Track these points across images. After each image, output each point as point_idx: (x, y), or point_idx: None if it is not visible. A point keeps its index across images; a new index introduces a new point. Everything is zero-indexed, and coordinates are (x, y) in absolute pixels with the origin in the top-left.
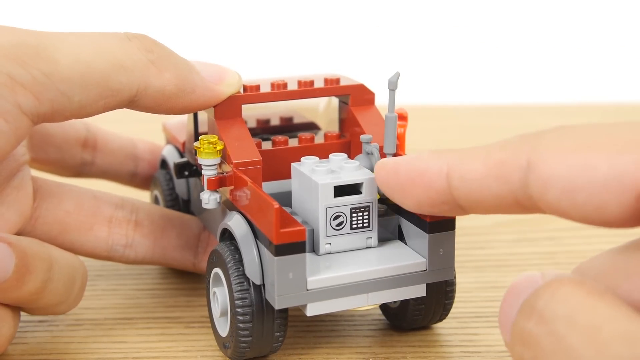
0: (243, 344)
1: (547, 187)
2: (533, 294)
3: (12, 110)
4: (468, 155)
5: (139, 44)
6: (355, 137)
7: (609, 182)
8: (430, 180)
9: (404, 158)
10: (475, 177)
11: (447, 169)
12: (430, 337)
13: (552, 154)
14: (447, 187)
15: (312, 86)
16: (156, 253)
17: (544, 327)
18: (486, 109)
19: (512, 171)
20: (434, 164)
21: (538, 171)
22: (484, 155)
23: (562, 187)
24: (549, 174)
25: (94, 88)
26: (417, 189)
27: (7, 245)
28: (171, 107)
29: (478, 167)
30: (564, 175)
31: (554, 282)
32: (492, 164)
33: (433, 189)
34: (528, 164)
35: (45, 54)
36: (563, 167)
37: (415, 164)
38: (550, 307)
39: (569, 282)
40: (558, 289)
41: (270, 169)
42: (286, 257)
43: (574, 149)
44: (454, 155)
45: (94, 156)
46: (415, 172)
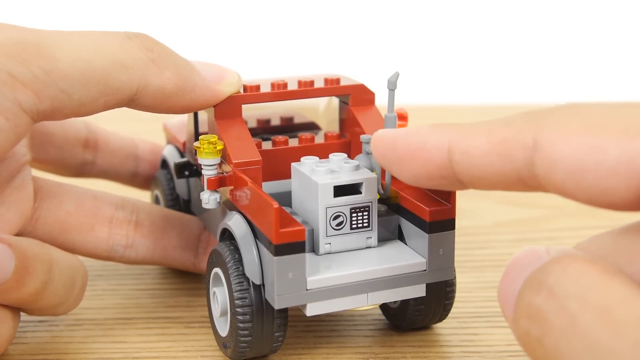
0: (243, 344)
1: (554, 167)
2: (541, 269)
3: (12, 107)
4: (471, 131)
5: (139, 43)
6: (356, 137)
7: (617, 166)
8: (431, 154)
9: (403, 130)
10: (478, 154)
11: (448, 143)
12: (430, 337)
13: (559, 134)
14: (447, 162)
15: (312, 86)
16: (156, 253)
17: (554, 303)
18: (486, 109)
19: (517, 149)
20: (435, 138)
21: (544, 151)
22: (488, 132)
23: (569, 168)
24: (556, 155)
25: (94, 86)
26: (416, 163)
27: (7, 246)
28: (171, 106)
29: (481, 143)
30: (572, 157)
31: (564, 257)
32: (496, 140)
33: (433, 163)
34: (534, 143)
35: (46, 51)
36: (571, 149)
37: (415, 138)
38: (561, 283)
39: (581, 260)
40: (569, 265)
41: (270, 169)
42: (286, 257)
43: (583, 129)
44: (456, 130)
45: (95, 156)
46: (414, 146)
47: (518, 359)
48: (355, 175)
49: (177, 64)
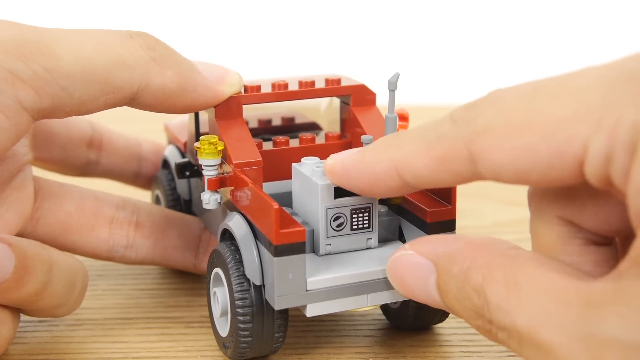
0: (243, 344)
1: (498, 174)
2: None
3: (13, 105)
4: (409, 151)
5: (141, 42)
6: (356, 137)
7: (552, 161)
8: (385, 182)
9: (350, 160)
10: (426, 173)
11: (395, 168)
12: (430, 337)
13: (490, 142)
14: (402, 183)
15: (313, 86)
16: (157, 254)
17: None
18: None
19: (458, 164)
20: (382, 166)
21: (484, 162)
22: (425, 149)
23: (512, 171)
24: (496, 164)
25: (95, 84)
26: (376, 190)
27: (7, 246)
28: (172, 105)
29: (425, 163)
30: (510, 162)
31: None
32: (436, 157)
33: (391, 187)
34: (470, 155)
35: (47, 49)
36: (506, 155)
37: (364, 169)
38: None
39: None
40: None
41: (271, 169)
42: (286, 257)
43: (509, 132)
44: (397, 153)
45: (99, 155)
46: (367, 178)
47: (518, 359)
48: None
49: (179, 63)
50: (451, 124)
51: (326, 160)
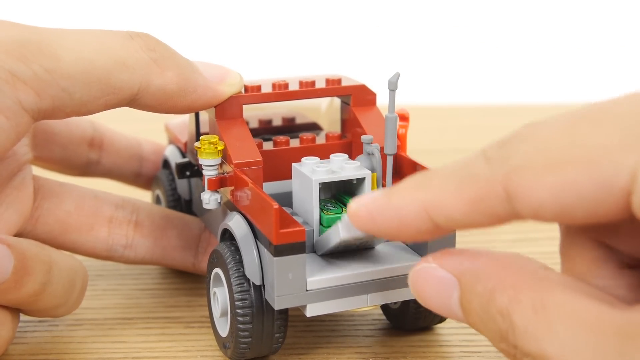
0: (243, 345)
1: (539, 212)
2: (488, 319)
3: (13, 106)
4: (441, 191)
5: (141, 43)
6: (357, 137)
7: (598, 195)
8: (415, 226)
9: (376, 204)
10: (460, 217)
11: (425, 211)
12: (430, 337)
13: (528, 180)
14: (433, 226)
15: (314, 86)
16: (156, 253)
17: (528, 358)
18: (486, 109)
19: (494, 205)
20: (411, 210)
21: (522, 201)
22: (457, 190)
23: (554, 209)
24: (535, 202)
25: (95, 85)
26: (404, 234)
27: (6, 247)
28: (172, 106)
29: (459, 206)
30: (552, 199)
31: (498, 307)
32: (470, 200)
33: (421, 232)
34: (507, 194)
35: (48, 50)
36: (547, 192)
37: (391, 213)
38: (521, 344)
39: (512, 304)
40: (511, 318)
41: (271, 169)
42: (286, 257)
43: (549, 166)
44: (427, 195)
45: (100, 155)
46: (395, 223)
47: None
48: (351, 172)
49: (179, 64)
50: (484, 162)
51: (349, 205)
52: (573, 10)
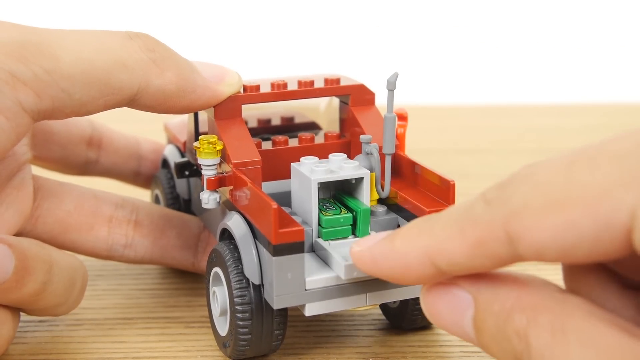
0: (242, 343)
1: (540, 254)
2: (502, 338)
3: (13, 107)
4: (443, 236)
5: (140, 43)
6: (356, 137)
7: (599, 235)
8: (418, 270)
9: (378, 247)
10: (462, 261)
11: (428, 256)
12: (430, 337)
13: (528, 221)
14: (437, 271)
15: (312, 86)
16: (155, 253)
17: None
18: (486, 109)
19: (496, 247)
20: (414, 255)
21: (524, 243)
22: (459, 234)
23: (556, 250)
24: (537, 244)
25: (95, 86)
26: (407, 278)
27: (7, 247)
28: (171, 106)
29: (460, 249)
30: (553, 240)
31: (514, 326)
32: (472, 243)
33: (423, 277)
34: (508, 237)
35: (47, 50)
36: (547, 233)
37: (394, 259)
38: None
39: (530, 325)
40: (528, 339)
41: (270, 169)
42: (284, 257)
43: (548, 207)
44: (429, 239)
45: (99, 155)
46: (398, 269)
47: None
48: (350, 172)
49: (178, 64)
50: (484, 205)
51: (352, 247)
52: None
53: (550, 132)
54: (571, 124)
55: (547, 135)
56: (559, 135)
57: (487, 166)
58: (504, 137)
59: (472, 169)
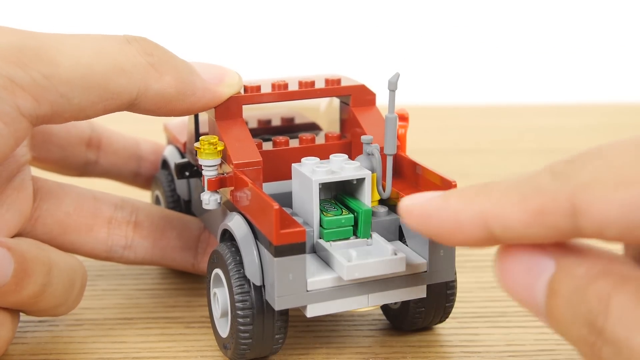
0: (243, 345)
1: (603, 229)
2: (579, 299)
3: (12, 112)
4: (502, 202)
5: (138, 47)
6: (356, 137)
7: None
8: (469, 232)
9: (432, 203)
10: (519, 227)
11: (483, 218)
12: (430, 337)
13: (597, 195)
14: (489, 235)
15: (313, 87)
16: (155, 254)
17: (612, 348)
18: (486, 109)
19: (558, 218)
20: (468, 215)
21: (589, 216)
22: (520, 201)
23: (620, 226)
24: (604, 219)
25: (94, 90)
26: (455, 239)
27: (6, 250)
28: (171, 109)
29: (519, 215)
30: (618, 216)
31: (598, 288)
32: (533, 211)
33: (473, 238)
34: (573, 209)
35: (46, 55)
36: (616, 209)
37: (447, 214)
38: (611, 329)
39: (615, 289)
40: (610, 302)
41: (271, 169)
42: (286, 258)
43: (619, 183)
44: (487, 201)
45: (98, 156)
46: (448, 224)
47: (518, 359)
48: (351, 173)
49: (177, 67)
50: (551, 176)
51: (402, 200)
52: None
53: (550, 132)
54: (571, 124)
55: (547, 135)
56: (559, 135)
57: (488, 166)
58: (504, 137)
59: (472, 169)
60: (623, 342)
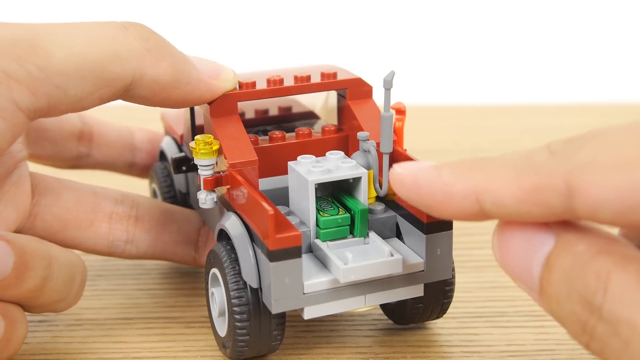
0: (241, 343)
1: (597, 211)
2: (577, 276)
3: (9, 107)
4: (496, 177)
5: (135, 33)
6: (354, 130)
7: None
8: (459, 204)
9: (424, 172)
10: (511, 203)
11: (475, 192)
12: (430, 337)
13: (594, 177)
14: (479, 210)
15: (309, 81)
16: (157, 248)
17: (608, 327)
18: (486, 109)
19: (552, 197)
20: (460, 187)
21: (584, 197)
22: (515, 178)
23: (614, 210)
24: (598, 200)
25: (89, 79)
26: (445, 210)
27: (6, 243)
28: (166, 98)
29: (512, 192)
30: (614, 199)
31: (597, 265)
32: (528, 189)
33: (463, 212)
34: (569, 189)
35: (40, 47)
36: (612, 191)
37: (439, 185)
38: (609, 307)
39: (615, 268)
40: (610, 280)
41: (267, 165)
42: (282, 262)
43: (616, 165)
44: (480, 177)
45: (90, 148)
46: (440, 195)
47: (518, 359)
48: (347, 172)
49: (173, 54)
50: (549, 154)
51: (394, 168)
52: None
53: (550, 132)
54: (571, 124)
55: (547, 135)
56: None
57: None
58: (504, 137)
59: None
60: (623, 321)
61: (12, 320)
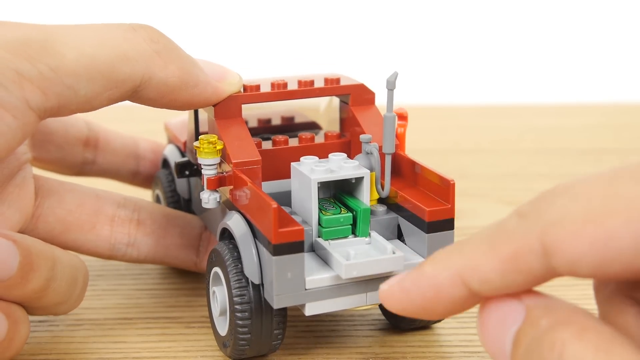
0: (242, 342)
1: (576, 266)
2: (534, 348)
3: (20, 106)
4: (474, 254)
5: (144, 35)
6: (356, 136)
7: (638, 248)
8: (449, 293)
9: (407, 277)
10: (495, 277)
11: (459, 276)
12: (430, 337)
13: (566, 232)
14: (468, 293)
15: (312, 86)
16: (158, 252)
17: None
18: (486, 109)
19: (530, 260)
20: (445, 275)
21: (560, 254)
22: (491, 250)
23: (592, 263)
24: (574, 255)
25: (99, 80)
26: (438, 305)
27: (12, 243)
28: (173, 100)
29: (493, 264)
30: (589, 252)
31: (554, 337)
32: (505, 257)
33: (455, 300)
34: (544, 248)
35: (52, 48)
36: (585, 244)
37: (425, 281)
38: None
39: (572, 338)
40: (564, 350)
41: (270, 168)
42: (284, 256)
43: (588, 219)
44: (460, 259)
45: (96, 155)
46: (429, 290)
47: None
48: (350, 171)
49: (182, 57)
50: (518, 218)
51: (381, 287)
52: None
53: (550, 132)
54: (571, 124)
55: (547, 135)
56: (559, 135)
57: (487, 166)
58: (504, 137)
59: (472, 169)
60: None
61: (15, 321)
